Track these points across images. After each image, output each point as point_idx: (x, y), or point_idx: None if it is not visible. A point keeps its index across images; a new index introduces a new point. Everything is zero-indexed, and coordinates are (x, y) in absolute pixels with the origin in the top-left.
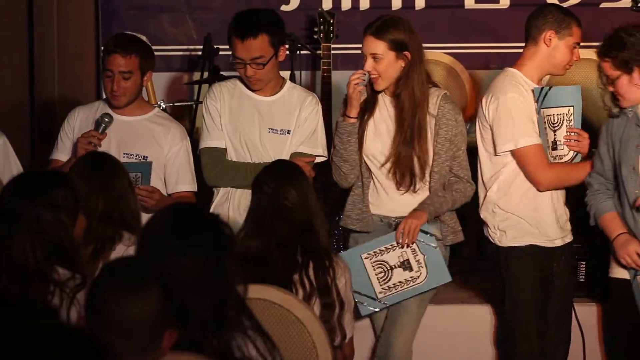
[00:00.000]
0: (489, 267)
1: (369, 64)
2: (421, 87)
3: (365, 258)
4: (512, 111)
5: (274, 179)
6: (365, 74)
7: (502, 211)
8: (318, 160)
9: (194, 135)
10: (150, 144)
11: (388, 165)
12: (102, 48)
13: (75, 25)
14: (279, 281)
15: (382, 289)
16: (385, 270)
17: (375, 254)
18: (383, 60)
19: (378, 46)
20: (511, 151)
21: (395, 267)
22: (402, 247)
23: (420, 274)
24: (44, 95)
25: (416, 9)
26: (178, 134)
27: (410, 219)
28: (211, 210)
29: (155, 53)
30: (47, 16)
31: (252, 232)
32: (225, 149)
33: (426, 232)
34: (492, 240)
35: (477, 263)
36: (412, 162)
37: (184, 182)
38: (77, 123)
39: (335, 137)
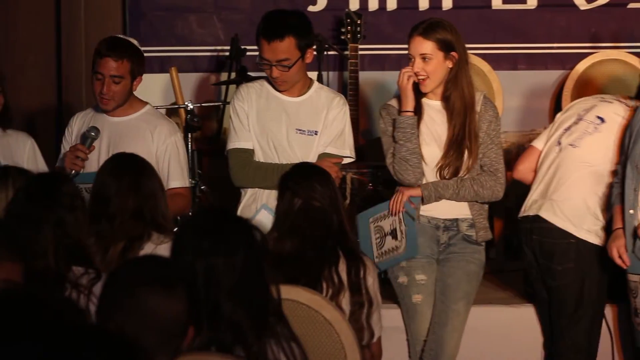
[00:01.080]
0: (516, 267)
1: (418, 64)
2: (469, 88)
3: (371, 222)
4: None
5: (301, 180)
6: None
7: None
8: (345, 161)
9: (221, 136)
10: (139, 143)
11: (438, 167)
12: (94, 51)
13: (103, 27)
14: (312, 280)
15: (378, 253)
16: (382, 236)
17: (376, 219)
18: (432, 61)
19: (427, 46)
20: None
21: (387, 235)
22: (393, 215)
23: (401, 244)
24: (71, 97)
25: (443, 9)
26: (165, 130)
27: (403, 188)
28: (239, 211)
29: (183, 54)
30: (75, 17)
31: (283, 232)
32: (253, 150)
33: (413, 207)
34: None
35: (504, 264)
36: (460, 163)
37: (175, 179)
38: (74, 129)
39: (397, 134)
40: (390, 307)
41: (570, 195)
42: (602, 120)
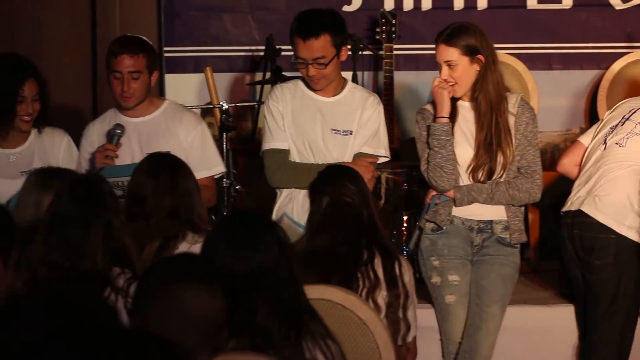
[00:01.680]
0: (551, 267)
1: (445, 71)
2: (496, 88)
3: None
4: None
5: (328, 180)
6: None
7: None
8: (381, 160)
9: (256, 136)
10: (168, 139)
11: (470, 168)
12: (107, 53)
13: (138, 27)
14: (346, 276)
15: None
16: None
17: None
18: (458, 67)
19: (451, 53)
20: None
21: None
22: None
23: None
24: (106, 96)
25: (478, 9)
26: (192, 121)
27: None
28: (275, 211)
29: (218, 54)
30: (110, 17)
31: (315, 230)
32: (288, 150)
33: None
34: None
35: (539, 265)
36: (494, 164)
37: (201, 169)
38: (94, 138)
39: (431, 141)
40: (424, 306)
41: (613, 191)
42: None
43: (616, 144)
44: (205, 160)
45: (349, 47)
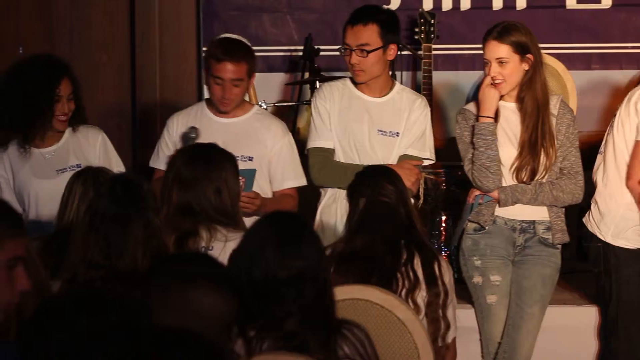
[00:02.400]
0: (588, 268)
1: (495, 69)
2: (544, 89)
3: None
4: None
5: (365, 180)
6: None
7: None
8: (426, 163)
9: (295, 136)
10: (254, 144)
11: (514, 167)
12: (206, 53)
13: (177, 26)
14: (385, 276)
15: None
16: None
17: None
18: (508, 64)
19: (502, 50)
20: None
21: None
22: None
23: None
24: (145, 96)
25: (517, 9)
26: (280, 130)
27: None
28: (319, 211)
29: (256, 53)
30: (149, 16)
31: (356, 231)
32: (333, 150)
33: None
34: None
35: (576, 265)
36: (537, 165)
37: (289, 179)
38: (176, 130)
39: (476, 141)
40: (463, 307)
41: None
42: None
43: None
44: (292, 171)
45: (399, 46)
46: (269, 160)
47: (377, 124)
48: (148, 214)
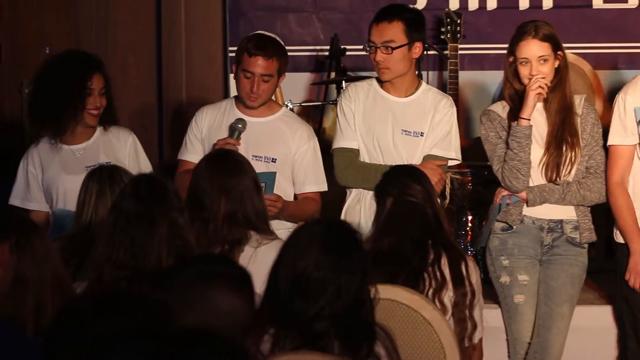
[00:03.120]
0: (613, 268)
1: (536, 68)
2: (570, 88)
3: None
4: None
5: (392, 180)
6: None
7: None
8: (451, 163)
9: (320, 136)
10: (278, 145)
11: (542, 165)
12: (238, 47)
13: (203, 26)
14: (412, 276)
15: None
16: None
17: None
18: (548, 62)
19: (545, 48)
20: None
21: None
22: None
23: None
24: (172, 96)
25: (544, 8)
26: (306, 134)
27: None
28: (343, 211)
29: None
30: (175, 17)
31: (383, 231)
32: (358, 150)
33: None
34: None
35: (605, 264)
36: (563, 162)
37: (311, 183)
38: (205, 123)
39: (511, 142)
40: (490, 307)
41: None
42: None
43: None
44: (315, 176)
45: (424, 45)
46: (292, 163)
47: (401, 123)
48: (172, 214)
